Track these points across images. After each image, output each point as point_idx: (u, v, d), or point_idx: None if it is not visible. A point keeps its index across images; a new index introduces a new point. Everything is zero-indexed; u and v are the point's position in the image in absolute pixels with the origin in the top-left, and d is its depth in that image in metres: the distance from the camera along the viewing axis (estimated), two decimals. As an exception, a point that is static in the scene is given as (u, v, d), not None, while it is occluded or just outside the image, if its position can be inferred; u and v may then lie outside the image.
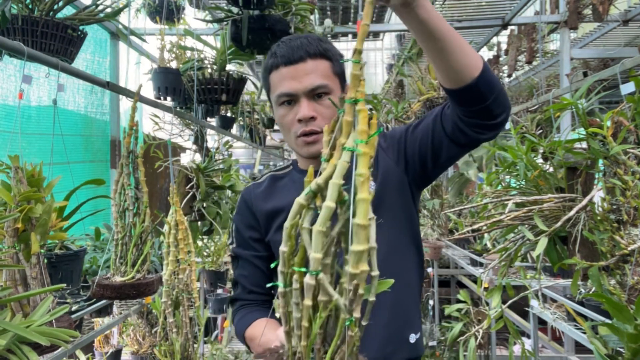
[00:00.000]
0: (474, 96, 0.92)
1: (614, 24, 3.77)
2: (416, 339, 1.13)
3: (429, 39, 0.88)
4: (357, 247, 0.59)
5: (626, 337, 0.94)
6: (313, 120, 1.05)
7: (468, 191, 4.18)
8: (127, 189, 1.57)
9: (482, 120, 0.96)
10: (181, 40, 2.81)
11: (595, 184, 1.35)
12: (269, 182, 1.22)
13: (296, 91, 1.04)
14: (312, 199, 0.65)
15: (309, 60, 1.04)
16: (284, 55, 1.05)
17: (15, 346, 0.97)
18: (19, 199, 1.13)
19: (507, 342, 1.99)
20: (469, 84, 0.90)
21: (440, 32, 0.87)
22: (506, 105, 0.96)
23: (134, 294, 1.52)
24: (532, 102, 2.81)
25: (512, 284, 1.45)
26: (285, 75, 1.05)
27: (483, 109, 0.94)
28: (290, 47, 1.05)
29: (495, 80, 0.93)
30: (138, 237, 1.57)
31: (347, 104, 0.65)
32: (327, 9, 4.35)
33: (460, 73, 0.90)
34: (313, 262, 0.61)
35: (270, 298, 1.22)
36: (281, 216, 1.13)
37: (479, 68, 0.90)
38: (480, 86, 0.91)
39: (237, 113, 4.19)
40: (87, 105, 2.90)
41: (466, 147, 1.04)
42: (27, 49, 1.30)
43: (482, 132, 0.98)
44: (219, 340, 4.25)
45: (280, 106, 1.08)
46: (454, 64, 0.89)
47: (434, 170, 1.12)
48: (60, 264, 1.48)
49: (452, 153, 1.06)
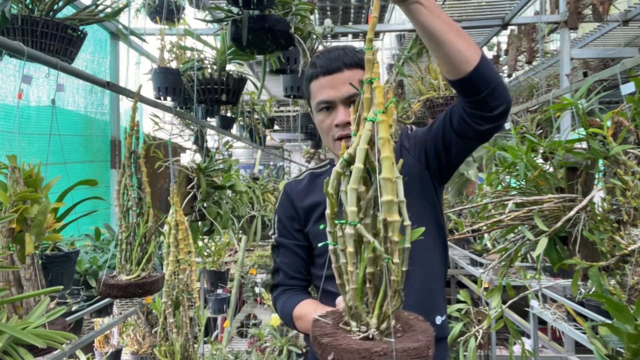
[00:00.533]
0: (469, 88, 1.00)
1: (614, 24, 3.76)
2: (442, 320, 1.22)
3: (425, 34, 0.97)
4: (386, 198, 0.71)
5: (626, 337, 0.94)
6: (349, 125, 1.15)
7: (468, 191, 4.17)
8: (130, 190, 1.57)
9: (480, 111, 1.03)
10: (181, 40, 2.81)
11: (595, 184, 1.35)
12: (309, 180, 1.33)
13: (334, 98, 1.15)
14: (346, 167, 0.78)
15: (346, 70, 1.15)
16: (323, 66, 1.16)
17: (11, 348, 0.97)
18: (15, 199, 1.13)
19: (507, 342, 1.99)
20: (463, 77, 0.98)
21: (435, 30, 0.94)
22: (504, 99, 1.02)
23: (140, 292, 1.54)
24: (532, 102, 2.80)
25: (512, 284, 1.45)
26: (324, 84, 1.16)
27: (480, 101, 1.01)
28: (328, 59, 1.16)
29: (491, 74, 0.99)
30: (142, 236, 1.57)
31: (365, 84, 0.77)
32: (327, 9, 4.35)
33: (455, 66, 0.98)
34: (350, 214, 0.74)
35: (309, 284, 1.33)
36: (319, 209, 1.25)
37: (473, 63, 0.97)
38: (474, 79, 0.98)
39: (237, 113, 4.19)
40: (87, 105, 2.90)
41: (471, 141, 1.11)
42: (27, 49, 1.29)
43: (481, 123, 1.04)
44: (219, 340, 4.25)
45: (319, 112, 1.19)
46: (448, 58, 0.97)
47: (448, 165, 1.21)
48: (50, 265, 1.48)
49: (460, 148, 1.14)
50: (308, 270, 1.32)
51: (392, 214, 0.71)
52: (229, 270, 4.73)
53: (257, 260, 5.33)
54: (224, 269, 4.50)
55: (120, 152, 1.60)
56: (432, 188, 1.23)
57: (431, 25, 0.94)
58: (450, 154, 1.16)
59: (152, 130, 3.15)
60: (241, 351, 3.78)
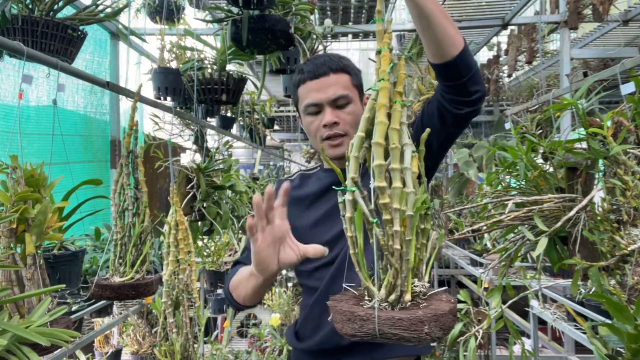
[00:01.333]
0: (453, 72, 1.05)
1: (614, 24, 3.76)
2: None
3: (419, 16, 1.00)
4: (376, 162, 0.74)
5: (626, 337, 0.94)
6: (336, 125, 1.20)
7: (468, 191, 4.18)
8: (127, 189, 1.56)
9: (460, 96, 1.08)
10: (181, 40, 2.81)
11: (595, 184, 1.35)
12: (299, 179, 1.39)
13: (321, 101, 1.20)
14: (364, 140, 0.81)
15: (332, 74, 1.20)
16: (310, 71, 1.22)
17: (15, 347, 0.97)
18: (15, 199, 1.13)
19: (507, 342, 1.99)
20: (449, 61, 1.03)
21: (428, 12, 0.98)
22: (481, 84, 1.09)
23: (133, 294, 1.53)
24: (532, 102, 2.80)
25: (512, 284, 1.45)
26: (312, 88, 1.21)
27: (460, 85, 1.07)
28: (315, 64, 1.22)
29: (472, 62, 1.06)
30: (137, 237, 1.56)
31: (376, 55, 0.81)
32: (327, 9, 4.34)
33: (443, 50, 1.02)
34: (349, 182, 0.78)
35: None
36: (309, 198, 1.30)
37: (459, 48, 1.03)
38: (458, 63, 1.03)
39: (237, 113, 4.19)
40: (87, 105, 2.90)
41: (451, 127, 1.16)
42: (27, 49, 1.29)
43: (461, 107, 1.10)
44: (219, 340, 4.25)
45: (307, 115, 1.24)
46: (438, 41, 1.01)
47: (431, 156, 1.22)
48: (57, 264, 1.48)
49: (441, 137, 1.18)
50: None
51: (380, 180, 0.73)
52: (228, 270, 4.72)
53: (257, 260, 5.32)
54: (224, 269, 4.50)
55: (120, 152, 1.60)
56: None
57: (427, 7, 0.98)
58: (432, 147, 1.19)
59: (152, 130, 3.15)
60: (241, 351, 3.78)
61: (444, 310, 0.72)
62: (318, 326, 1.27)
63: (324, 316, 1.24)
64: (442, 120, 1.14)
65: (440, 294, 0.80)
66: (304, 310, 1.34)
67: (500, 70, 4.51)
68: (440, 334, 0.70)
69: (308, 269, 1.28)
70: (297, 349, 1.34)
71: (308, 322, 1.30)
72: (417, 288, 0.77)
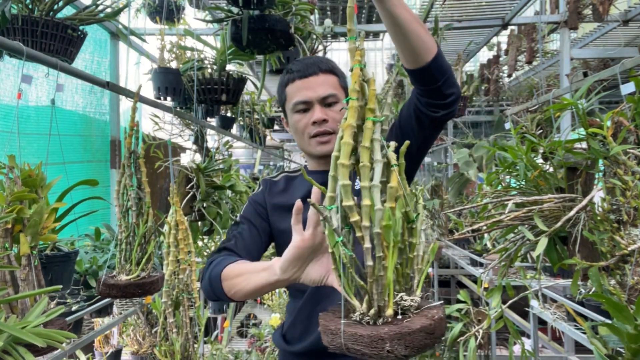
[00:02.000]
0: (428, 76, 1.07)
1: (614, 24, 3.76)
2: None
3: (392, 24, 1.00)
4: (342, 182, 0.75)
5: (626, 337, 0.94)
6: (325, 123, 1.22)
7: (468, 191, 4.17)
8: (130, 190, 1.57)
9: (435, 100, 1.10)
10: (181, 40, 2.81)
11: (595, 184, 1.35)
12: (284, 182, 1.38)
13: (310, 99, 1.22)
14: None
15: (321, 74, 1.23)
16: (299, 70, 1.23)
17: (11, 347, 0.97)
18: (11, 199, 1.13)
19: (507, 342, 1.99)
20: (423, 66, 1.04)
21: (402, 20, 0.99)
22: (456, 87, 1.11)
23: (139, 293, 1.54)
24: (532, 102, 2.80)
25: (512, 284, 1.45)
26: (301, 87, 1.23)
27: (435, 89, 1.08)
28: (304, 64, 1.24)
29: (446, 65, 1.08)
30: (142, 236, 1.57)
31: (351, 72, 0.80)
32: (327, 9, 4.34)
33: (417, 56, 1.04)
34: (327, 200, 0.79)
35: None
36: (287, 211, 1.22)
37: (433, 53, 1.04)
38: (433, 68, 1.05)
39: (237, 113, 4.19)
40: (87, 105, 2.90)
41: (428, 130, 1.17)
42: (27, 49, 1.29)
43: (436, 110, 1.12)
44: (219, 340, 4.25)
45: (295, 113, 1.25)
46: (413, 48, 1.02)
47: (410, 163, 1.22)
48: (50, 265, 1.48)
49: (419, 140, 1.19)
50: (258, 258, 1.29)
51: (348, 199, 0.74)
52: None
53: (257, 260, 5.33)
54: (224, 269, 4.50)
55: (120, 152, 1.60)
56: None
57: (401, 16, 0.98)
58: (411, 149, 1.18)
59: (152, 130, 3.15)
60: (241, 351, 3.78)
61: (412, 329, 0.69)
62: (307, 329, 1.26)
63: (312, 319, 1.23)
64: (419, 123, 1.16)
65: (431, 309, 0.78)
66: (291, 313, 1.32)
67: (500, 70, 4.51)
68: (406, 352, 0.68)
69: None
70: (286, 352, 1.32)
71: (296, 325, 1.29)
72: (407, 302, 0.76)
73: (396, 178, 0.76)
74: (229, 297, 1.08)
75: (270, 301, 4.56)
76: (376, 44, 6.96)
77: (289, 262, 0.89)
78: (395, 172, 0.76)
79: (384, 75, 6.32)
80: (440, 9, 3.73)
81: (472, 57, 5.22)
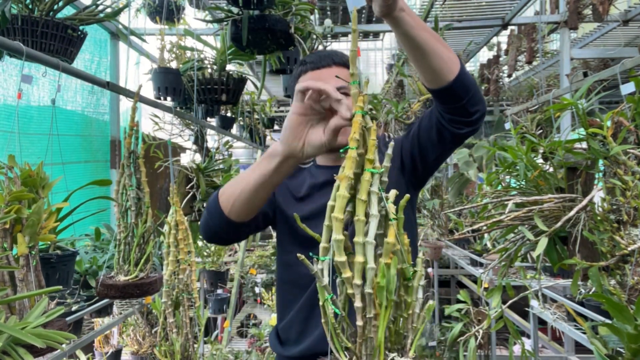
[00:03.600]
0: (450, 96, 1.02)
1: (614, 24, 3.77)
2: None
3: (412, 47, 0.96)
4: (335, 236, 0.71)
5: (626, 337, 0.94)
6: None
7: (468, 191, 4.17)
8: (129, 190, 1.57)
9: (459, 117, 1.06)
10: (181, 40, 2.81)
11: (595, 184, 1.35)
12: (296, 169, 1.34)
13: None
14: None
15: (334, 66, 1.20)
16: (312, 62, 1.21)
17: (10, 348, 0.97)
18: (9, 199, 1.12)
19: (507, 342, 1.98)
20: (445, 86, 1.00)
21: (420, 41, 0.94)
22: (481, 103, 1.06)
23: (138, 293, 1.54)
24: (532, 102, 2.80)
25: (512, 284, 1.45)
26: (313, 78, 1.19)
27: (459, 107, 1.04)
28: (318, 56, 1.22)
29: (470, 82, 1.02)
30: (141, 237, 1.57)
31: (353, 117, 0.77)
32: (327, 9, 4.35)
33: (438, 76, 0.99)
34: (321, 250, 0.75)
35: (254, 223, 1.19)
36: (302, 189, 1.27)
37: (455, 72, 0.99)
38: (455, 88, 1.00)
39: (237, 113, 4.19)
40: (87, 105, 2.90)
41: (449, 144, 1.14)
42: (26, 49, 1.29)
43: (461, 127, 1.08)
44: (219, 340, 4.25)
45: None
46: (433, 69, 0.98)
47: (424, 171, 1.23)
48: (58, 264, 1.48)
49: (437, 152, 1.16)
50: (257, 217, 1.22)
51: (340, 254, 0.71)
52: (229, 270, 4.72)
53: (257, 261, 5.33)
54: (224, 269, 4.50)
55: (120, 152, 1.60)
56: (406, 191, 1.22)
57: (418, 37, 0.94)
58: (426, 159, 1.18)
59: (152, 130, 3.15)
60: (241, 351, 3.78)
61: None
62: (304, 332, 1.19)
63: (310, 321, 1.17)
64: (440, 136, 1.12)
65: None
66: (286, 311, 1.25)
67: (500, 70, 4.51)
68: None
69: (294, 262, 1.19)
70: (282, 356, 1.25)
71: (293, 326, 1.22)
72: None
73: (394, 233, 0.72)
74: (228, 216, 1.06)
75: (270, 301, 4.56)
76: (376, 44, 6.96)
77: (289, 129, 0.94)
78: (393, 227, 0.72)
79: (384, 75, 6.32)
80: (440, 9, 3.73)
81: (472, 57, 5.22)
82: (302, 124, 0.94)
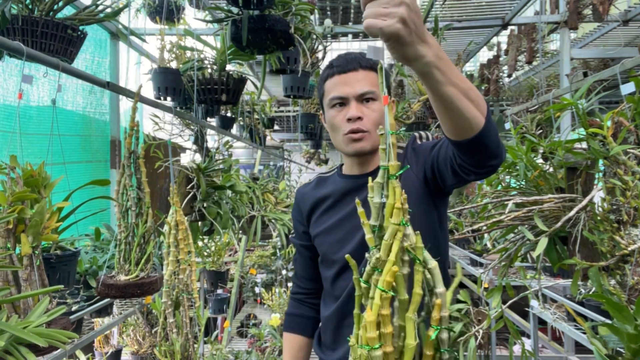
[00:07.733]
0: (464, 149, 0.95)
1: (614, 24, 3.77)
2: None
3: (437, 100, 0.87)
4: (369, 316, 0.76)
5: (626, 337, 0.94)
6: (360, 120, 1.18)
7: (468, 191, 4.17)
8: (129, 190, 1.57)
9: (470, 166, 0.99)
10: (181, 40, 2.81)
11: (595, 184, 1.35)
12: (317, 181, 1.40)
13: (347, 95, 1.19)
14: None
15: (361, 70, 1.19)
16: (339, 66, 1.21)
17: (12, 347, 0.97)
18: (12, 199, 1.13)
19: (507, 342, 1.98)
20: (461, 141, 0.92)
21: (447, 99, 0.85)
22: (497, 157, 0.97)
23: (138, 293, 1.54)
24: (532, 102, 2.80)
25: (512, 284, 1.45)
26: (339, 82, 1.20)
27: (473, 160, 0.97)
28: (345, 60, 1.21)
29: (492, 137, 0.93)
30: (141, 237, 1.57)
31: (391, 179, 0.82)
32: (327, 9, 4.34)
33: (456, 132, 0.91)
34: (369, 341, 0.78)
35: (319, 287, 1.37)
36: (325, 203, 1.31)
37: (476, 130, 0.90)
38: (475, 143, 0.92)
39: (237, 113, 4.19)
40: (87, 105, 2.90)
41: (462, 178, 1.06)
42: (27, 49, 1.29)
43: (469, 174, 1.02)
44: (219, 340, 4.25)
45: (332, 108, 1.22)
46: (456, 124, 0.90)
47: (445, 189, 1.20)
48: (59, 264, 1.48)
49: (454, 180, 1.10)
50: (317, 272, 1.37)
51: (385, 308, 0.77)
52: (229, 270, 4.72)
53: (257, 261, 5.34)
54: (224, 269, 4.50)
55: (120, 152, 1.60)
56: (432, 203, 1.20)
57: (445, 94, 0.84)
58: (445, 182, 1.15)
59: (152, 130, 3.15)
60: (241, 351, 3.78)
61: None
62: (336, 340, 1.25)
63: (340, 331, 1.23)
64: (454, 172, 1.06)
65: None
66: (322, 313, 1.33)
67: (500, 70, 4.51)
68: None
69: (331, 275, 1.26)
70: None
71: (326, 332, 1.29)
72: None
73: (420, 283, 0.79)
74: None
75: (270, 301, 4.56)
76: (376, 43, 6.97)
77: None
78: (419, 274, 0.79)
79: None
80: (440, 9, 3.73)
81: (472, 57, 5.22)
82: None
